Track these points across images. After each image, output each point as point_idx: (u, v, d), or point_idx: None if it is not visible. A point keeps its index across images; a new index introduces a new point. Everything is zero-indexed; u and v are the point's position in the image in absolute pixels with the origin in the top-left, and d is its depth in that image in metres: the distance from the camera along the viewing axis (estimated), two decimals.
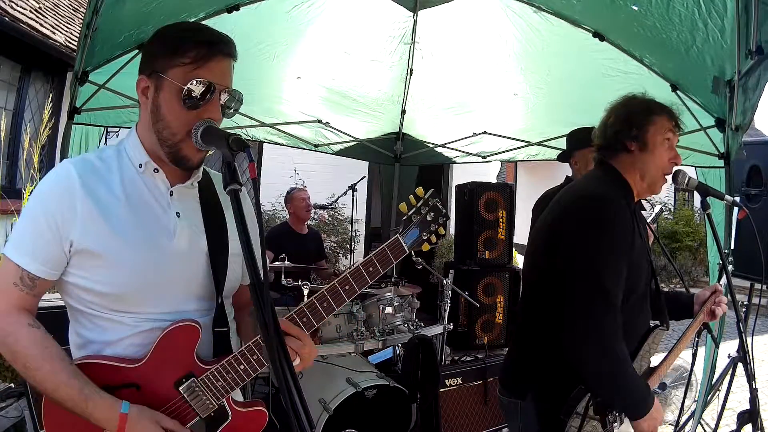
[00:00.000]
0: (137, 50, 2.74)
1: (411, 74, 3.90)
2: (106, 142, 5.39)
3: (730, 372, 2.62)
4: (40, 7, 5.39)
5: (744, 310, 2.72)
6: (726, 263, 1.79)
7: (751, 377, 1.67)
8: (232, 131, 1.10)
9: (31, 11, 5.05)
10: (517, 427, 1.66)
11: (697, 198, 1.80)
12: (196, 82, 1.07)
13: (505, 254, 4.90)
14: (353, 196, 5.31)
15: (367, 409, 2.69)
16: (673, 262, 2.69)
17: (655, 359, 1.66)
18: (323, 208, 6.37)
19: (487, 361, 3.26)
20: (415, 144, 5.01)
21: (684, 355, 1.91)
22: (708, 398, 2.96)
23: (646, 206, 2.15)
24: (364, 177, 5.67)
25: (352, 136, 4.71)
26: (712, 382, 2.93)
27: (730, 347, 1.86)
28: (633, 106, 1.62)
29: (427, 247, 1.24)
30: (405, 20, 3.37)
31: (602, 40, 2.83)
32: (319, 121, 4.40)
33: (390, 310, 3.15)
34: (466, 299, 3.70)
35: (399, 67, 3.82)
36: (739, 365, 1.79)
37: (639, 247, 1.55)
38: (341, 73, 3.77)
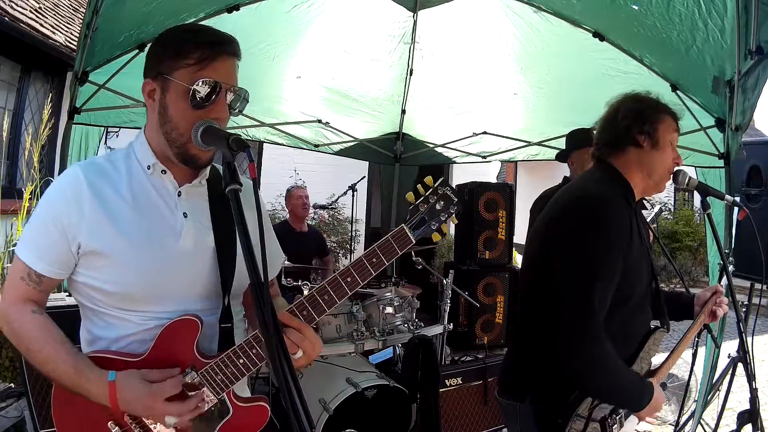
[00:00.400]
0: (137, 50, 2.74)
1: (411, 74, 3.90)
2: (106, 142, 5.39)
3: (730, 372, 2.62)
4: (40, 7, 5.39)
5: (744, 310, 2.72)
6: (726, 263, 1.79)
7: (751, 377, 1.67)
8: (232, 131, 1.11)
9: (31, 11, 5.05)
10: (516, 430, 1.65)
11: (697, 198, 1.80)
12: (202, 83, 1.08)
13: (505, 254, 4.90)
14: (353, 196, 5.31)
15: (367, 409, 2.69)
16: (673, 262, 2.69)
17: (656, 360, 1.66)
18: (323, 208, 6.36)
19: (487, 361, 3.25)
20: (415, 144, 5.01)
21: (684, 355, 1.92)
22: (708, 398, 2.96)
23: (646, 206, 2.14)
24: (364, 177, 5.66)
25: (352, 136, 4.72)
26: (712, 382, 2.93)
27: (730, 347, 1.87)
28: (644, 102, 1.59)
29: (437, 237, 1.16)
30: (405, 20, 3.37)
31: (602, 40, 2.83)
32: (319, 121, 4.40)
33: (390, 310, 3.15)
34: (466, 299, 3.70)
35: (399, 66, 3.82)
36: (739, 365, 1.79)
37: (638, 248, 1.52)
38: (341, 73, 3.77)
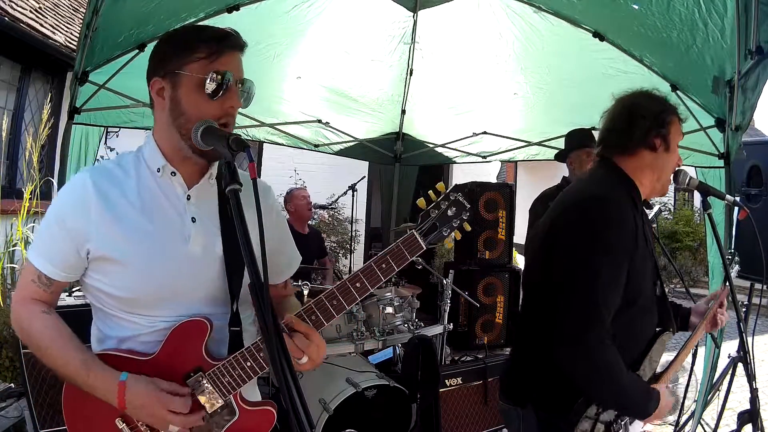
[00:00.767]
0: (137, 50, 2.74)
1: (411, 74, 3.90)
2: (106, 142, 5.39)
3: (730, 372, 2.62)
4: (40, 7, 5.39)
5: (744, 310, 2.71)
6: (727, 265, 1.79)
7: (751, 377, 1.67)
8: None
9: (31, 11, 5.05)
10: None
11: (697, 198, 1.80)
12: (215, 74, 1.10)
13: (505, 254, 4.90)
14: (353, 196, 5.31)
15: (367, 409, 2.69)
16: (673, 262, 2.69)
17: (663, 361, 1.64)
18: (323, 208, 6.36)
19: (487, 361, 3.25)
20: (415, 144, 5.01)
21: None
22: (708, 398, 2.96)
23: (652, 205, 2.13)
24: (364, 177, 5.66)
25: (352, 136, 4.71)
26: (712, 382, 2.93)
27: (730, 347, 1.87)
28: (657, 101, 1.53)
29: (450, 244, 1.17)
30: (405, 20, 3.37)
31: (602, 40, 2.83)
32: (319, 121, 4.40)
33: (390, 310, 3.15)
34: (466, 299, 3.70)
35: (399, 66, 3.82)
36: (739, 365, 1.79)
37: (643, 249, 1.48)
38: (341, 73, 3.77)
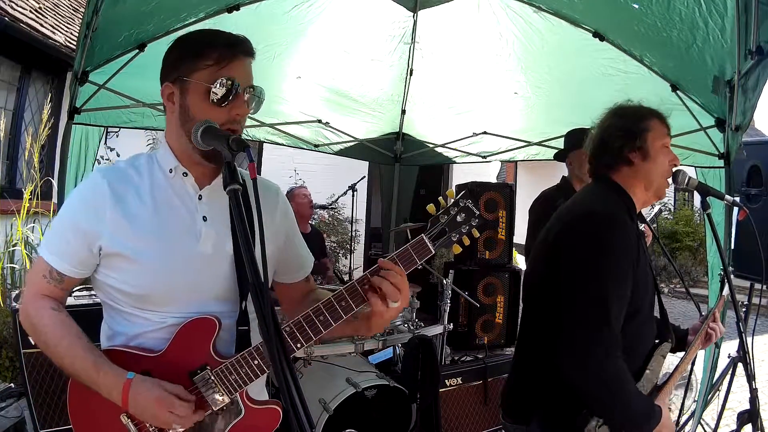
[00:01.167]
0: (137, 50, 2.74)
1: (411, 74, 3.90)
2: (106, 142, 5.39)
3: (730, 372, 2.62)
4: (40, 7, 5.39)
5: (744, 310, 2.71)
6: (727, 265, 1.79)
7: (751, 377, 1.67)
8: None
9: (31, 11, 5.05)
10: None
11: (697, 198, 1.79)
12: (222, 81, 1.12)
13: (505, 254, 4.90)
14: (353, 196, 5.31)
15: (367, 409, 2.68)
16: (673, 262, 2.69)
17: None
18: (323, 208, 6.37)
19: (487, 361, 3.25)
20: (415, 144, 5.00)
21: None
22: (708, 398, 2.96)
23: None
24: (364, 177, 5.67)
25: (352, 136, 4.71)
26: (712, 382, 2.93)
27: (730, 347, 1.87)
28: (627, 116, 1.56)
29: (458, 249, 1.19)
30: (405, 20, 3.37)
31: (602, 40, 2.83)
32: (319, 121, 4.40)
33: None
34: (466, 299, 3.70)
35: (399, 66, 3.82)
36: (739, 365, 1.79)
37: (643, 264, 1.48)
38: (341, 73, 3.77)
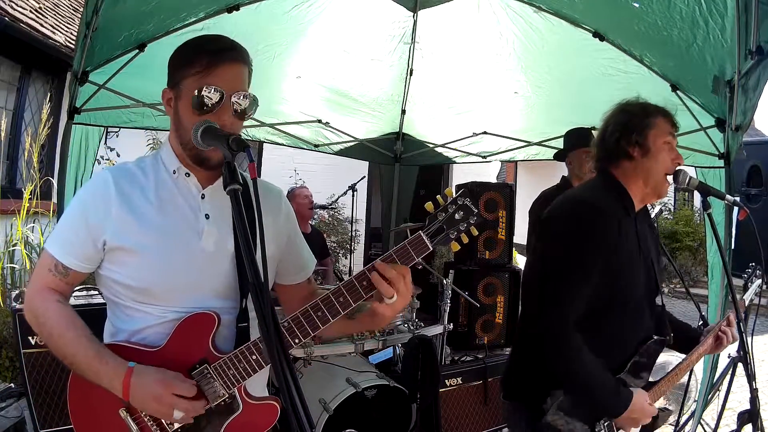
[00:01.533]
0: (137, 50, 2.74)
1: (411, 74, 3.90)
2: (106, 142, 5.39)
3: (730, 372, 2.62)
4: (40, 7, 5.39)
5: (744, 310, 2.71)
6: (728, 265, 1.78)
7: (751, 377, 1.67)
8: None
9: (31, 11, 5.05)
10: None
11: (697, 198, 1.80)
12: (206, 88, 1.14)
13: (505, 254, 4.89)
14: (353, 196, 5.30)
15: (367, 409, 2.68)
16: (673, 262, 2.69)
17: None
18: (323, 208, 6.36)
19: (487, 361, 3.25)
20: (415, 144, 5.00)
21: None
22: (708, 398, 2.96)
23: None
24: (364, 177, 5.66)
25: (352, 136, 4.71)
26: (712, 382, 2.93)
27: (730, 347, 1.87)
28: (630, 112, 1.60)
29: (456, 247, 1.22)
30: (405, 20, 3.36)
31: (602, 40, 2.83)
32: (319, 121, 4.39)
33: None
34: (466, 299, 3.69)
35: (399, 66, 3.82)
36: (739, 365, 1.78)
37: (630, 254, 1.52)
38: (341, 73, 3.76)
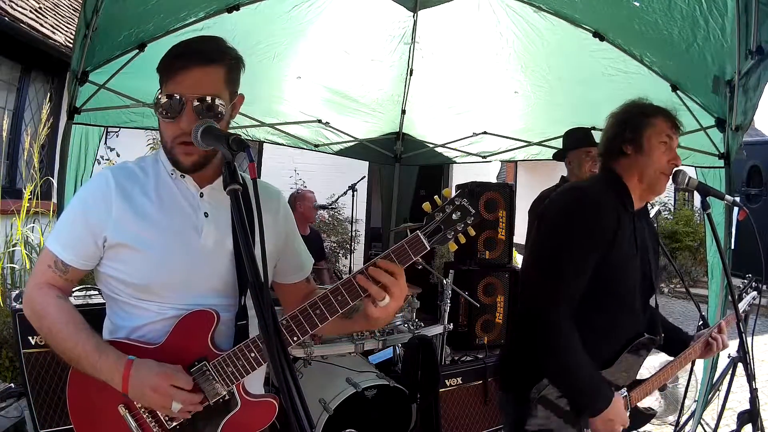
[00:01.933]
0: (137, 50, 2.74)
1: (411, 74, 3.90)
2: (106, 142, 5.39)
3: (730, 372, 2.62)
4: (40, 7, 5.38)
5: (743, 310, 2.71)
6: (727, 265, 1.78)
7: (751, 377, 1.67)
8: (232, 131, 1.11)
9: (31, 11, 5.05)
10: (508, 422, 1.70)
11: (697, 198, 1.80)
12: (165, 95, 1.16)
13: (505, 254, 4.90)
14: (353, 196, 5.30)
15: (367, 409, 2.68)
16: (673, 262, 2.69)
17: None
18: (323, 208, 6.35)
19: (487, 361, 3.25)
20: (415, 144, 5.00)
21: None
22: (708, 398, 2.96)
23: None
24: (364, 177, 5.66)
25: (352, 136, 4.71)
26: (712, 382, 2.93)
27: (730, 347, 1.87)
28: (629, 111, 1.66)
29: (454, 247, 1.23)
30: (405, 20, 3.37)
31: (602, 40, 2.83)
32: (319, 121, 4.39)
33: None
34: (466, 299, 3.69)
35: (399, 66, 3.82)
36: (739, 365, 1.78)
37: (625, 249, 1.55)
38: (341, 73, 3.76)
